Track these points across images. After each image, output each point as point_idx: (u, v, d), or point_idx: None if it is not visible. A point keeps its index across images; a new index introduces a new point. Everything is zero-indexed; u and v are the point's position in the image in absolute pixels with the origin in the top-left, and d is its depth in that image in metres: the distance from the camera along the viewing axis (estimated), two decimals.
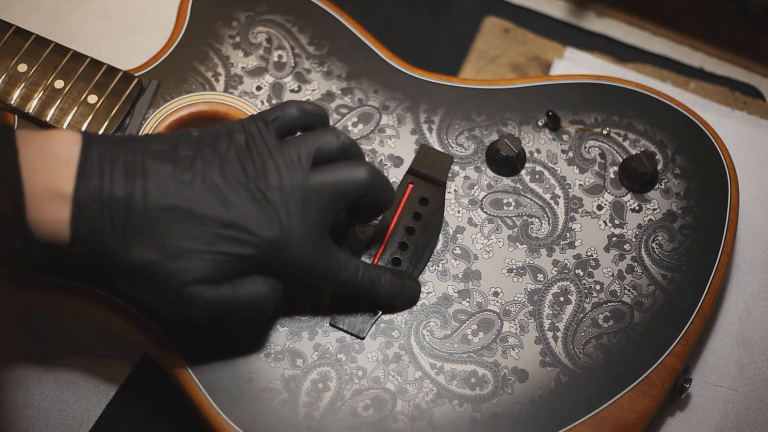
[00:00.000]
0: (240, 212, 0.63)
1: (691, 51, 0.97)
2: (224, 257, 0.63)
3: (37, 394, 0.79)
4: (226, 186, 0.63)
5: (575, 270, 0.75)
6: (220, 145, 0.64)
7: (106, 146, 0.62)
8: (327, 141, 0.66)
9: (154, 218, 0.61)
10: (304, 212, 0.64)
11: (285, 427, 0.69)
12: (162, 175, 0.62)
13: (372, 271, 0.69)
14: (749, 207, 0.87)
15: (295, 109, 0.67)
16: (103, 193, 0.61)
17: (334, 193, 0.65)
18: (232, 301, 0.64)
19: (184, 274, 0.62)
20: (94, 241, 0.61)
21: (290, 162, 0.64)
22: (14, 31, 0.78)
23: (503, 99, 0.81)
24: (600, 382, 0.71)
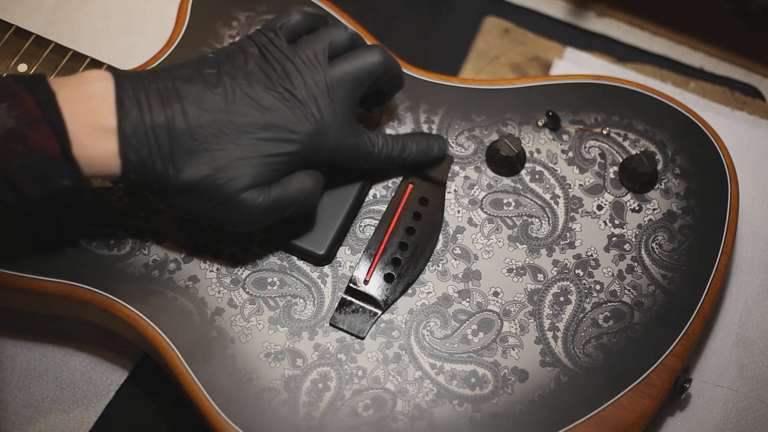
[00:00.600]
0: (275, 114, 0.66)
1: (691, 51, 0.97)
2: (270, 159, 0.66)
3: (37, 394, 0.79)
4: (255, 93, 0.66)
5: (575, 270, 0.75)
6: (237, 59, 0.67)
7: (136, 79, 0.65)
8: (337, 35, 0.70)
9: (198, 135, 0.64)
10: (332, 102, 0.68)
11: (285, 427, 0.69)
12: (195, 95, 0.65)
13: (400, 140, 0.75)
14: (749, 207, 0.87)
15: (297, 14, 0.70)
16: (144, 120, 0.63)
17: (355, 78, 0.69)
18: (283, 199, 0.68)
19: (236, 183, 0.65)
20: (144, 167, 0.64)
21: (308, 61, 0.68)
22: (14, 31, 0.78)
23: (503, 99, 0.81)
24: (600, 382, 0.71)
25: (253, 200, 0.66)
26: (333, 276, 0.74)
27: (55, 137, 0.60)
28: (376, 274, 0.74)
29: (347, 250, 0.75)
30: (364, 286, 0.73)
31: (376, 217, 0.76)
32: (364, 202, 0.77)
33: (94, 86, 0.63)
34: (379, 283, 0.73)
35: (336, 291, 0.74)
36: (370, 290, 0.73)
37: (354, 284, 0.73)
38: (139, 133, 0.63)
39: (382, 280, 0.74)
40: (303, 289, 0.73)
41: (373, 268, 0.74)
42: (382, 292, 0.73)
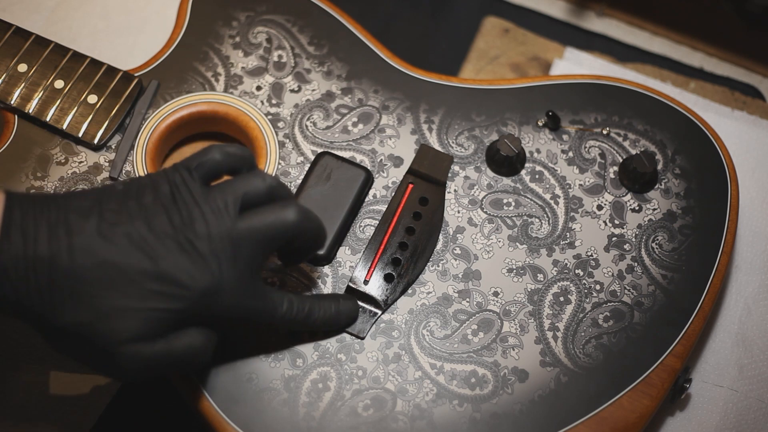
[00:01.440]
0: (169, 265, 0.61)
1: (691, 51, 0.97)
2: (157, 313, 0.61)
3: (37, 394, 0.79)
4: (153, 239, 0.61)
5: (575, 270, 0.75)
6: (145, 197, 0.62)
7: (29, 205, 0.60)
8: (253, 185, 0.64)
9: (82, 278, 0.59)
10: (235, 260, 0.62)
11: (285, 427, 0.69)
12: (87, 233, 0.60)
13: (305, 304, 0.69)
14: (749, 207, 0.87)
15: (218, 154, 0.65)
16: (27, 254, 0.59)
17: (263, 237, 0.63)
18: (168, 356, 0.63)
19: (117, 334, 0.60)
20: (21, 304, 0.59)
21: (217, 210, 0.62)
22: (14, 31, 0.78)
23: (503, 99, 0.81)
24: (600, 382, 0.71)
25: (135, 353, 0.61)
26: (333, 276, 0.74)
27: None
28: (376, 274, 0.74)
29: (347, 250, 0.75)
30: (364, 286, 0.73)
31: (376, 217, 0.76)
32: (364, 202, 0.77)
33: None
34: (379, 283, 0.73)
35: (336, 291, 0.74)
36: (370, 290, 0.73)
37: (354, 284, 0.73)
38: (18, 266, 0.58)
39: (382, 280, 0.74)
40: (303, 290, 0.73)
41: (373, 268, 0.74)
42: (382, 292, 0.73)
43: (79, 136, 0.76)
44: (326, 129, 0.79)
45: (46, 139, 0.77)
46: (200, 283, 0.61)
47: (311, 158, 0.78)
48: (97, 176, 0.76)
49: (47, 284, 0.59)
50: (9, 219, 0.59)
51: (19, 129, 0.77)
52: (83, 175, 0.76)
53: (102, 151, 0.77)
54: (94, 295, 0.60)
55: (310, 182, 0.76)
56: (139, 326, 0.60)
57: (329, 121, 0.80)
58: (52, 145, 0.77)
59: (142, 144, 0.77)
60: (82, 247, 0.59)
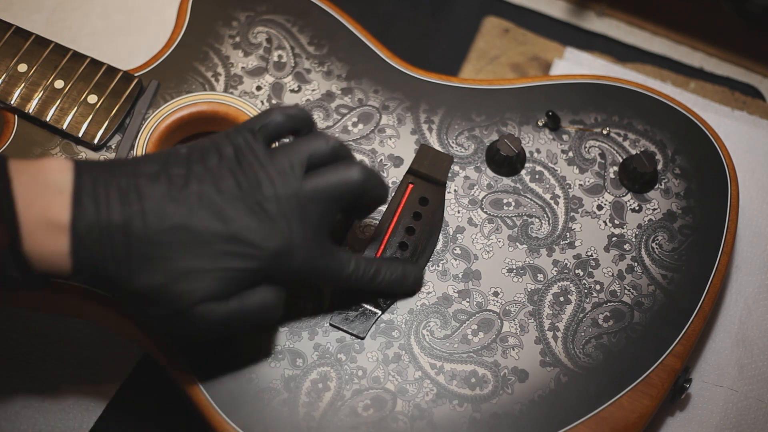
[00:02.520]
0: (240, 226, 0.62)
1: (691, 51, 0.97)
2: (230, 273, 0.62)
3: (37, 394, 0.79)
4: (223, 201, 0.62)
5: (575, 270, 0.75)
6: (210, 160, 0.63)
7: (98, 172, 0.61)
8: (317, 146, 0.65)
9: (156, 241, 0.60)
10: (303, 220, 0.64)
11: (285, 427, 0.69)
12: (158, 197, 0.61)
13: (373, 265, 0.70)
14: (749, 207, 0.87)
15: (279, 116, 0.66)
16: (101, 220, 0.60)
17: (330, 197, 0.64)
18: (241, 314, 0.64)
19: (191, 295, 0.62)
20: (96, 269, 0.60)
21: (283, 171, 0.63)
22: (14, 31, 0.78)
23: (503, 99, 0.81)
24: (600, 382, 0.71)
25: (209, 313, 0.63)
26: None
27: (5, 229, 0.58)
28: None
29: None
30: None
31: (376, 217, 0.76)
32: None
33: (53, 177, 0.60)
34: None
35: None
36: None
37: None
38: (93, 233, 0.59)
39: None
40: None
41: None
42: None
43: (79, 136, 0.76)
44: (326, 129, 0.79)
45: (46, 139, 0.77)
46: (271, 244, 0.63)
47: None
48: None
49: (123, 250, 0.60)
50: (80, 186, 0.60)
51: (19, 129, 0.77)
52: None
53: (102, 151, 0.77)
54: (168, 257, 0.61)
55: None
56: (212, 286, 0.62)
57: (329, 121, 0.80)
58: (52, 145, 0.77)
59: (142, 144, 0.77)
60: (154, 212, 0.61)
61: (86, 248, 0.60)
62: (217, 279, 0.62)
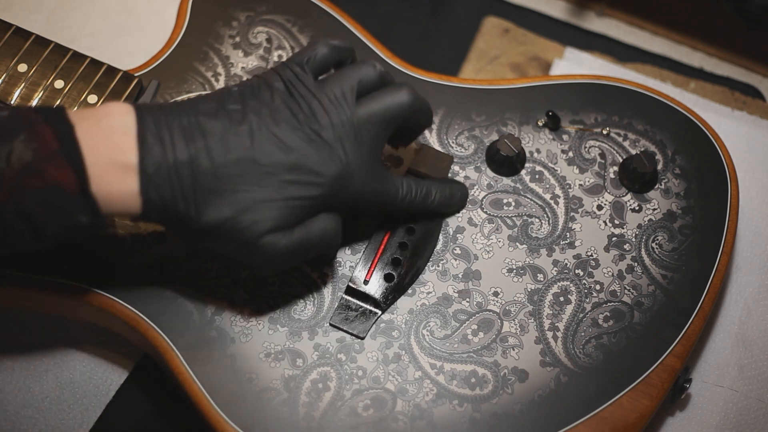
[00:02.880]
0: (301, 155, 0.64)
1: (691, 51, 0.97)
2: (294, 201, 0.64)
3: (37, 394, 0.79)
4: (281, 132, 0.64)
5: (575, 270, 0.75)
6: (263, 95, 0.65)
7: (159, 113, 0.62)
8: (365, 73, 0.68)
9: (222, 175, 0.62)
10: (359, 144, 0.66)
11: (285, 427, 0.69)
12: (220, 132, 0.63)
13: (423, 186, 0.73)
14: (749, 207, 0.87)
15: (324, 47, 0.68)
16: (167, 158, 0.61)
17: (382, 120, 0.67)
18: (306, 242, 0.66)
19: (259, 225, 0.63)
20: (166, 207, 0.62)
21: (335, 99, 0.66)
22: (14, 31, 0.78)
23: (503, 99, 0.81)
24: (600, 382, 0.71)
25: (276, 243, 0.65)
26: (333, 276, 0.74)
27: (73, 172, 0.58)
28: (376, 274, 0.74)
29: (347, 250, 0.75)
30: (364, 286, 0.73)
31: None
32: None
33: (115, 120, 0.61)
34: (379, 283, 0.73)
35: (336, 291, 0.74)
36: (370, 290, 0.73)
37: (354, 284, 0.73)
38: (161, 171, 0.61)
39: (382, 280, 0.74)
40: (303, 290, 0.73)
41: (373, 268, 0.74)
42: (382, 292, 0.73)
43: None
44: None
45: None
46: (331, 170, 0.65)
47: None
48: None
49: (190, 186, 0.62)
50: (144, 127, 0.61)
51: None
52: None
53: None
54: (235, 190, 0.63)
55: None
56: (278, 216, 0.64)
57: None
58: None
59: None
60: (218, 147, 0.62)
61: (155, 187, 0.61)
62: (282, 209, 0.64)
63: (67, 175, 0.58)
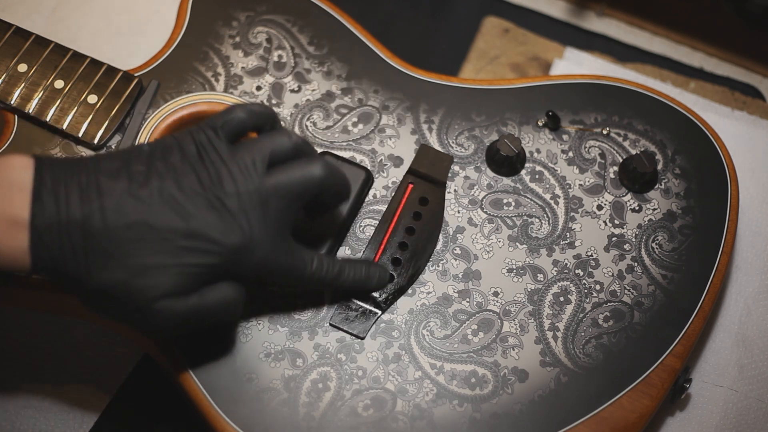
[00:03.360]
0: (200, 222, 0.62)
1: (691, 51, 0.97)
2: (189, 269, 0.62)
3: (37, 394, 0.79)
4: (183, 197, 0.62)
5: (575, 270, 0.75)
6: (172, 157, 0.63)
7: (59, 169, 0.61)
8: (279, 143, 0.65)
9: (115, 238, 0.60)
10: (264, 216, 0.64)
11: (285, 427, 0.69)
12: (118, 193, 0.61)
13: (336, 264, 0.70)
14: (749, 207, 0.87)
15: (242, 112, 0.66)
16: (60, 217, 0.60)
17: (291, 193, 0.64)
18: (201, 310, 0.64)
19: (151, 290, 0.61)
20: (55, 266, 0.61)
21: (244, 168, 0.63)
22: (14, 31, 0.78)
23: (503, 99, 0.81)
24: (600, 382, 0.71)
25: (169, 308, 0.62)
26: None
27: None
28: None
29: (347, 250, 0.75)
30: None
31: (376, 217, 0.76)
32: (364, 202, 0.77)
33: (14, 174, 0.60)
34: None
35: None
36: None
37: None
38: (52, 229, 0.59)
39: None
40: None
41: None
42: (382, 292, 0.73)
43: (79, 136, 0.76)
44: (326, 129, 0.79)
45: (46, 139, 0.77)
46: (231, 240, 0.63)
47: None
48: None
49: (81, 246, 0.60)
50: (40, 183, 0.60)
51: (19, 129, 0.77)
52: None
53: (102, 151, 0.77)
54: (128, 254, 0.61)
55: None
56: (172, 282, 0.62)
57: (329, 121, 0.80)
58: (52, 145, 0.77)
59: None
60: (114, 208, 0.61)
61: (45, 245, 0.60)
62: (177, 275, 0.62)
63: None
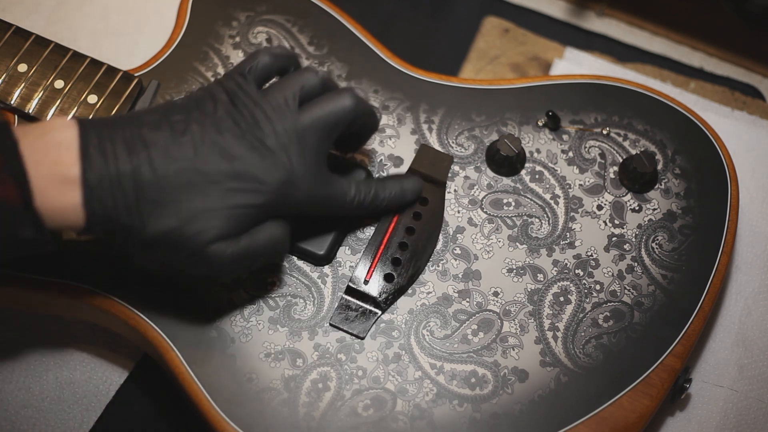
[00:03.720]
0: (244, 163, 0.64)
1: (691, 51, 0.97)
2: (239, 210, 0.64)
3: (37, 394, 0.79)
4: (224, 141, 0.64)
5: (575, 270, 0.75)
6: (206, 106, 0.65)
7: (102, 126, 0.62)
8: (307, 79, 0.68)
9: (165, 185, 0.62)
10: (302, 150, 0.66)
11: (285, 427, 0.69)
12: (162, 143, 0.63)
13: (373, 186, 0.72)
14: (749, 207, 0.87)
15: (266, 56, 0.68)
16: (110, 170, 0.61)
17: (326, 125, 0.67)
18: (252, 250, 0.66)
19: (204, 234, 0.63)
20: (109, 219, 0.62)
21: (278, 107, 0.66)
22: (14, 31, 0.78)
23: (503, 99, 0.81)
24: (600, 382, 0.71)
25: (222, 252, 0.64)
26: (333, 276, 0.74)
27: (16, 187, 0.58)
28: (376, 274, 0.74)
29: (347, 250, 0.75)
30: (364, 286, 0.73)
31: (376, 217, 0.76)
32: None
33: (58, 135, 0.61)
34: (379, 283, 0.73)
35: (336, 291, 0.74)
36: (370, 290, 0.73)
37: (354, 284, 0.73)
38: (104, 183, 0.61)
39: (382, 280, 0.74)
40: (303, 289, 0.73)
41: (373, 268, 0.74)
42: (382, 292, 0.73)
43: None
44: None
45: None
46: (275, 176, 0.65)
47: None
48: None
49: (133, 197, 0.61)
50: (86, 141, 0.61)
51: None
52: None
53: None
54: (179, 200, 0.62)
55: None
56: (223, 225, 0.63)
57: None
58: None
59: None
60: (160, 157, 0.62)
61: (98, 199, 0.61)
62: (227, 217, 0.63)
63: (10, 190, 0.58)
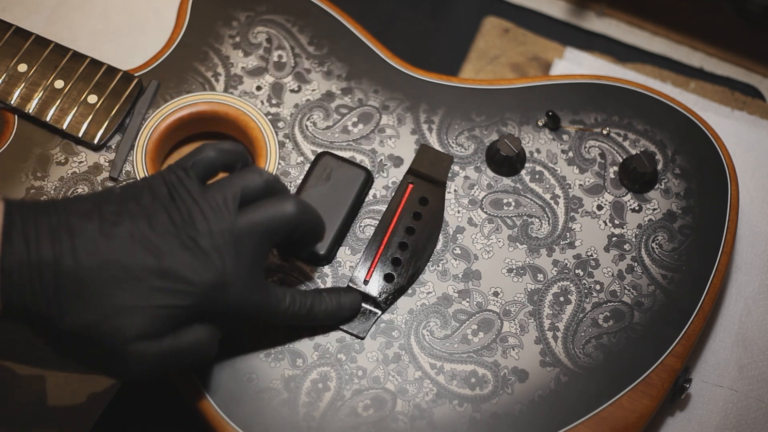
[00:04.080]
0: (173, 261, 0.61)
1: (691, 51, 0.97)
2: (163, 310, 0.61)
3: (37, 393, 0.79)
4: (155, 237, 0.61)
5: (575, 270, 0.75)
6: (144, 198, 0.62)
7: (29, 210, 0.60)
8: (250, 180, 0.64)
9: (87, 278, 0.59)
10: (237, 254, 0.63)
11: (285, 427, 0.69)
12: (89, 234, 0.60)
13: (308, 298, 0.69)
14: (749, 207, 0.87)
15: (212, 151, 0.65)
16: (30, 257, 0.58)
17: (264, 231, 0.64)
18: (176, 352, 0.63)
19: (124, 332, 0.60)
20: (27, 308, 0.59)
21: (216, 206, 0.63)
22: (14, 31, 0.78)
23: (503, 99, 0.81)
24: (600, 382, 0.71)
25: (143, 352, 0.61)
26: (333, 276, 0.74)
27: None
28: (376, 274, 0.74)
29: (347, 250, 0.75)
30: (364, 286, 0.73)
31: (376, 217, 0.76)
32: (364, 202, 0.77)
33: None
34: (379, 283, 0.73)
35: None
36: (370, 290, 0.73)
37: (354, 284, 0.73)
38: (23, 270, 0.58)
39: (382, 280, 0.74)
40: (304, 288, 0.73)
41: (373, 268, 0.74)
42: (382, 292, 0.73)
43: (79, 136, 0.76)
44: (326, 129, 0.79)
45: (46, 139, 0.77)
46: (205, 279, 0.62)
47: (311, 158, 0.78)
48: (97, 176, 0.76)
49: (53, 287, 0.59)
50: (10, 224, 0.59)
51: (19, 129, 0.77)
52: (83, 175, 0.76)
53: (102, 151, 0.77)
54: (100, 294, 0.59)
55: (310, 182, 0.76)
56: (145, 324, 0.60)
57: (329, 121, 0.80)
58: (52, 145, 0.77)
59: (142, 144, 0.77)
60: (86, 248, 0.59)
61: (16, 286, 0.58)
62: (151, 316, 0.61)
63: None
